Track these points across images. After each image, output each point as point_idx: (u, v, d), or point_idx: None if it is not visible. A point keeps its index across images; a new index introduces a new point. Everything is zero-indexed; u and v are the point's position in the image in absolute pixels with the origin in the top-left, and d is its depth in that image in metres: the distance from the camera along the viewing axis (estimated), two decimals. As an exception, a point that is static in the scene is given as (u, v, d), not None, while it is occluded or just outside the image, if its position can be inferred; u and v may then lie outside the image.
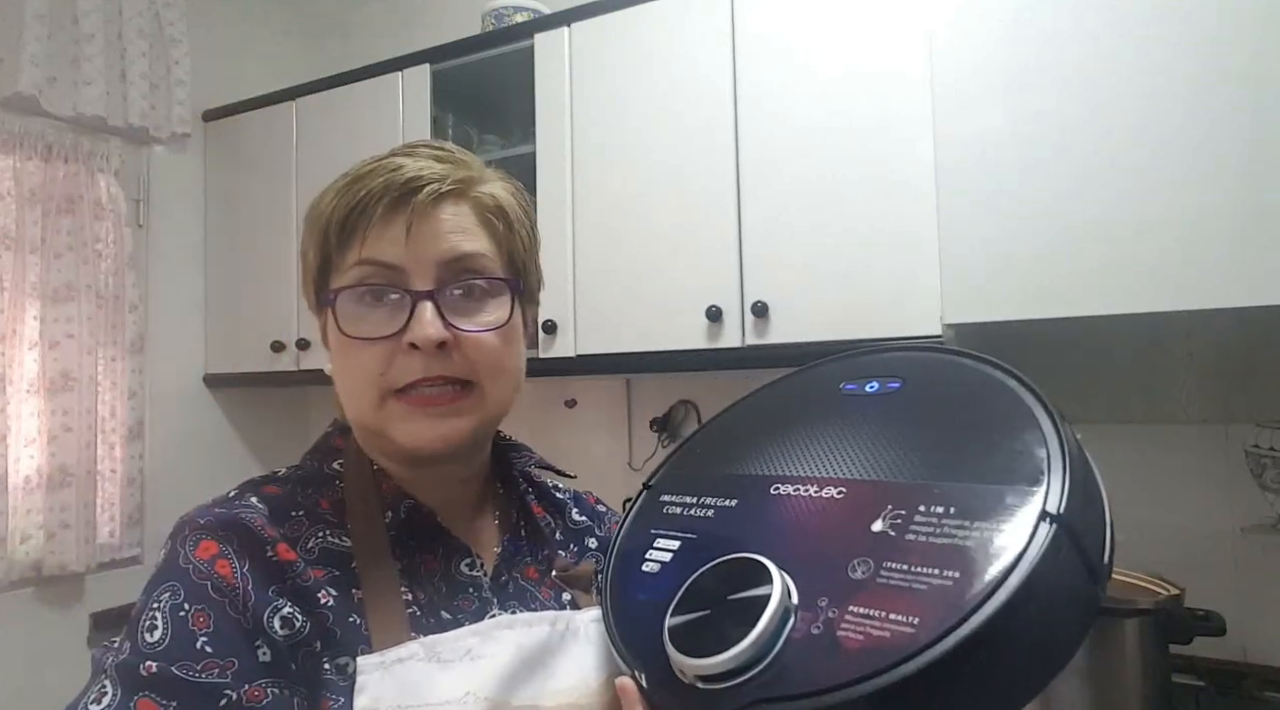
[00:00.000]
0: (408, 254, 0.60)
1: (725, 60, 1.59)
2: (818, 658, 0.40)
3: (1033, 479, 0.42)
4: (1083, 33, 1.15)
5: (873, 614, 0.40)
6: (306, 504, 0.62)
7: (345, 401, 0.64)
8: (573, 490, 0.80)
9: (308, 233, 0.65)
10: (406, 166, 0.61)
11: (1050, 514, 0.40)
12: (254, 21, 2.56)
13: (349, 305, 0.60)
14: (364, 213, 0.60)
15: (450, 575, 0.63)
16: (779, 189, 1.52)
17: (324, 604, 0.56)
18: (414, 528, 0.63)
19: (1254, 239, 1.04)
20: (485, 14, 2.01)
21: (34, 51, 1.90)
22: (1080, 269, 1.13)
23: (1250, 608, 1.42)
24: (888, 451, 0.49)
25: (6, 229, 1.93)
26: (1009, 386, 0.49)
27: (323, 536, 0.60)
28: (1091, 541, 0.41)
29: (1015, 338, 1.30)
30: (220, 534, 0.56)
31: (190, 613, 0.52)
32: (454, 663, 0.56)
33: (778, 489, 0.51)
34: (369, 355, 0.60)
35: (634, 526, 0.58)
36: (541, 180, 1.79)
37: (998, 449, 0.45)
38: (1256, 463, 1.46)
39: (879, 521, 0.44)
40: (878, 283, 1.42)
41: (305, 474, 0.65)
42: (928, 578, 0.40)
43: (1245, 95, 1.06)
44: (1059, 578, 0.39)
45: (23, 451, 1.95)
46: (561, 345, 1.75)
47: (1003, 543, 0.39)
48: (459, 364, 0.60)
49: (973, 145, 1.20)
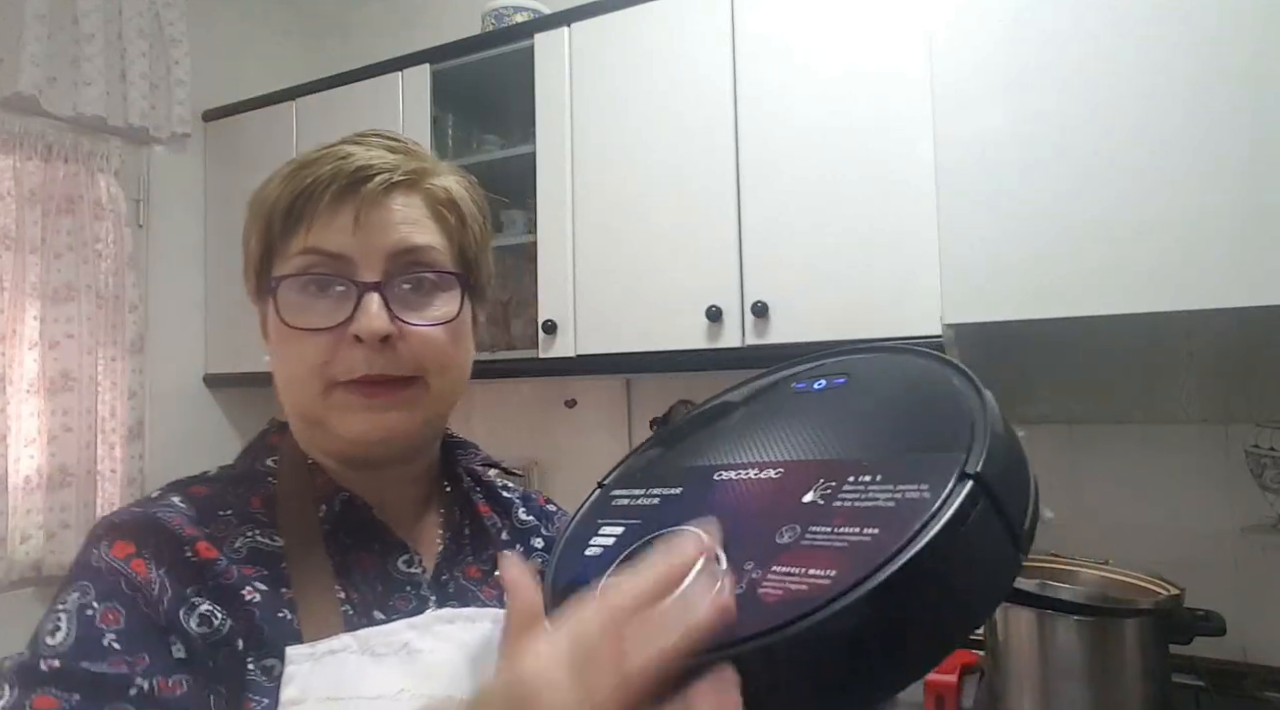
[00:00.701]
0: (355, 243, 0.58)
1: (725, 60, 1.59)
2: (739, 614, 0.41)
3: (956, 447, 0.44)
4: (1083, 33, 1.15)
5: (794, 571, 0.41)
6: (236, 503, 0.59)
7: (286, 394, 0.61)
8: (521, 489, 0.78)
9: (251, 220, 0.62)
10: (356, 154, 0.59)
11: (968, 474, 0.41)
12: (254, 21, 2.56)
13: (291, 294, 0.58)
14: (310, 200, 0.58)
15: (387, 573, 0.61)
16: (779, 189, 1.52)
17: (249, 601, 0.54)
18: (349, 523, 0.61)
19: (1254, 239, 1.04)
20: (485, 14, 2.01)
21: (34, 51, 1.90)
22: (1080, 269, 1.13)
23: (1250, 608, 1.42)
24: (827, 435, 0.51)
25: (6, 229, 1.93)
26: (946, 375, 0.51)
27: (251, 536, 0.58)
28: (1013, 507, 0.43)
29: (1015, 338, 1.30)
30: (136, 535, 0.54)
31: (99, 611, 0.50)
32: (388, 657, 0.54)
33: (721, 475, 0.52)
34: (312, 346, 0.57)
35: (582, 519, 0.58)
36: (541, 180, 1.79)
37: (925, 424, 0.48)
38: (1256, 463, 1.46)
39: (810, 493, 0.46)
40: (878, 283, 1.42)
41: (237, 473, 0.63)
42: (848, 536, 0.41)
43: (1245, 95, 1.06)
44: (975, 535, 0.41)
45: (23, 451, 1.95)
46: (561, 345, 1.74)
47: (922, 501, 0.41)
48: (404, 358, 0.58)
49: (973, 145, 1.20)
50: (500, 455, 2.40)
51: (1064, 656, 1.19)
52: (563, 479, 2.16)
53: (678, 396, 2.01)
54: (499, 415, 2.27)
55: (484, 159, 1.96)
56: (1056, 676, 1.20)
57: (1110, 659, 1.17)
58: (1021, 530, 0.43)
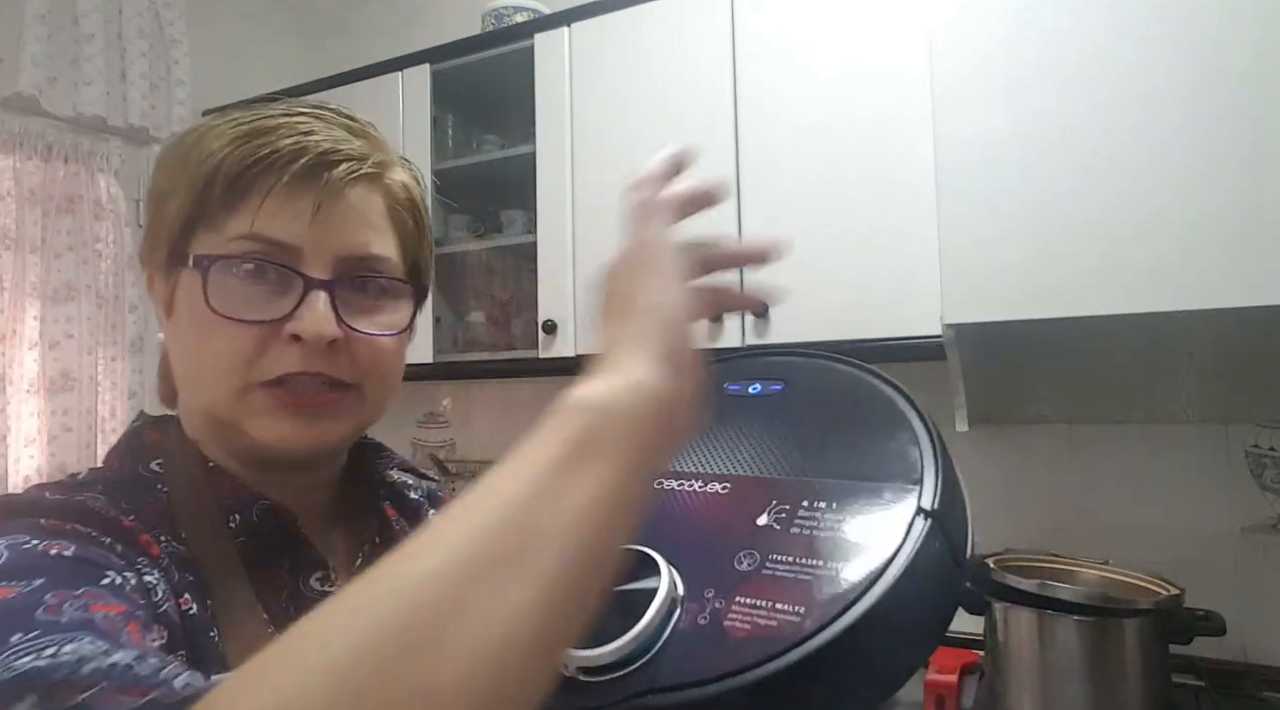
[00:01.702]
0: (309, 236, 0.52)
1: (725, 60, 1.59)
2: (705, 648, 0.41)
3: (909, 477, 0.45)
4: (1083, 33, 1.15)
5: (759, 604, 0.41)
6: (128, 511, 0.50)
7: (193, 386, 0.54)
8: (427, 489, 0.71)
9: (175, 174, 0.53)
10: (318, 131, 0.53)
11: (925, 510, 0.43)
12: (254, 21, 2.56)
13: (223, 276, 0.51)
14: (265, 174, 0.51)
15: (298, 592, 0.54)
16: (779, 189, 1.52)
17: (185, 611, 0.47)
18: (264, 535, 0.54)
19: (1254, 239, 1.04)
20: (485, 14, 2.01)
21: (34, 51, 1.90)
22: (1080, 269, 1.13)
23: (1250, 608, 1.42)
24: (770, 450, 0.51)
25: (6, 229, 1.93)
26: (882, 390, 0.52)
27: (167, 541, 0.50)
28: (958, 534, 0.45)
29: (1015, 338, 1.30)
30: (71, 515, 0.46)
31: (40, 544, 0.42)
32: None
33: (662, 483, 0.51)
34: (238, 338, 0.50)
35: None
36: (541, 180, 1.79)
37: (875, 448, 0.48)
38: (1256, 463, 1.46)
39: (764, 516, 0.46)
40: (878, 283, 1.42)
41: (116, 478, 0.53)
42: (812, 569, 0.42)
43: (1245, 95, 1.06)
44: (932, 567, 0.42)
45: (23, 451, 1.95)
46: (561, 345, 1.74)
47: (882, 535, 0.42)
48: (343, 364, 0.53)
49: (973, 145, 1.20)
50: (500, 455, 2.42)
51: (1064, 656, 1.19)
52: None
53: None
54: (499, 415, 2.27)
55: (484, 159, 1.96)
56: (1056, 676, 1.20)
57: (1110, 659, 1.17)
58: (964, 557, 0.45)
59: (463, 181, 2.02)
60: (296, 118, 0.54)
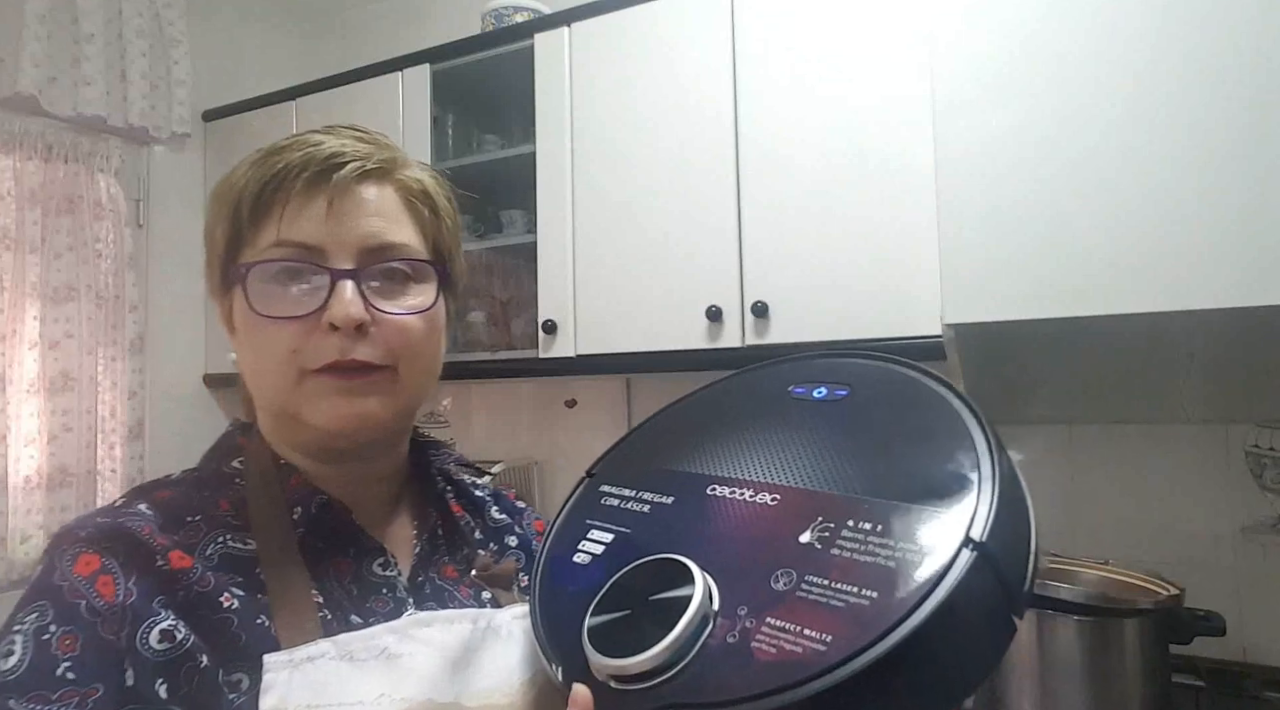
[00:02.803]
0: (328, 233, 0.57)
1: (725, 60, 1.58)
2: (730, 667, 0.40)
3: (960, 503, 0.42)
4: (1083, 33, 1.15)
5: (788, 627, 0.40)
6: (204, 507, 0.58)
7: (256, 386, 0.60)
8: (492, 487, 0.78)
9: (216, 209, 0.60)
10: (327, 142, 0.59)
11: (973, 541, 0.40)
12: (254, 21, 2.56)
13: (261, 282, 0.57)
14: (281, 187, 0.57)
15: (363, 577, 0.60)
16: (779, 188, 1.52)
17: (227, 607, 0.53)
18: (324, 526, 0.60)
19: (1254, 239, 1.04)
20: (485, 14, 2.01)
21: (34, 51, 1.90)
22: (1080, 269, 1.13)
23: (1250, 608, 1.42)
24: (825, 460, 0.49)
25: (6, 229, 1.93)
26: (952, 405, 0.49)
27: (223, 541, 0.56)
28: (1013, 569, 0.42)
29: (1015, 338, 1.30)
30: (103, 546, 0.52)
31: (56, 635, 0.48)
32: (368, 662, 0.53)
33: (714, 489, 0.51)
34: (284, 334, 0.56)
35: (571, 515, 0.57)
36: (541, 180, 1.79)
37: (932, 468, 0.46)
38: (1256, 463, 1.46)
39: (807, 532, 0.45)
40: (878, 283, 1.42)
41: (202, 476, 0.62)
42: (845, 595, 0.40)
43: (1246, 95, 1.06)
44: (975, 604, 0.40)
45: (23, 451, 1.95)
46: (561, 345, 1.74)
47: (923, 566, 0.40)
48: (378, 347, 0.57)
49: (973, 145, 1.20)
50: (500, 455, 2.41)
51: (1064, 656, 1.19)
52: (563, 479, 2.16)
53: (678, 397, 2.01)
54: (499, 415, 2.27)
55: (484, 159, 1.96)
56: (1056, 676, 1.19)
57: (1110, 659, 1.17)
58: (1020, 593, 0.42)
59: (463, 181, 2.00)
60: (305, 135, 0.60)
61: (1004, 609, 0.41)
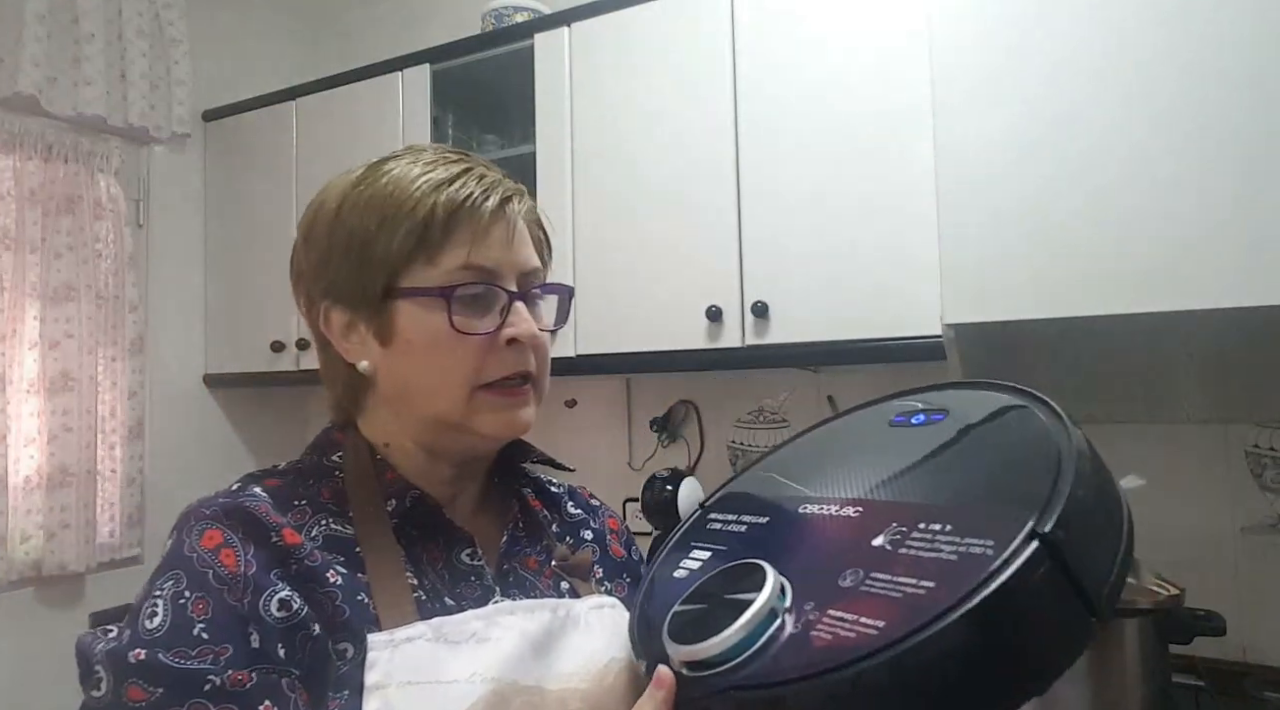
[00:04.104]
0: (503, 259, 0.64)
1: (725, 59, 1.58)
2: (789, 654, 0.42)
3: (1032, 502, 0.42)
4: (1083, 33, 1.15)
5: (847, 617, 0.41)
6: (308, 494, 0.63)
7: (423, 399, 0.64)
8: (567, 485, 0.83)
9: (376, 217, 0.63)
10: (487, 173, 0.66)
11: (1039, 533, 0.39)
12: (254, 21, 2.56)
13: (457, 303, 0.63)
14: (471, 216, 0.63)
15: (452, 564, 0.65)
16: (779, 188, 1.52)
17: (333, 583, 0.58)
18: (417, 518, 0.65)
19: (1254, 239, 1.04)
20: (485, 14, 2.01)
21: (34, 51, 1.90)
22: (1080, 269, 1.13)
23: (1250, 608, 1.42)
24: (911, 474, 0.51)
25: (6, 229, 1.93)
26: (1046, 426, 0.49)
27: (326, 523, 0.62)
28: (1090, 571, 0.41)
29: (1015, 338, 1.30)
30: (225, 522, 0.57)
31: (190, 600, 0.54)
32: (460, 644, 0.57)
33: (805, 508, 0.54)
34: (471, 350, 0.62)
35: (680, 539, 0.62)
36: (541, 180, 1.79)
37: (1011, 474, 0.46)
38: (1256, 463, 1.46)
39: (881, 537, 0.46)
40: (878, 283, 1.42)
41: (305, 467, 0.67)
42: (905, 586, 0.41)
43: (1246, 96, 1.06)
44: (1040, 599, 0.39)
45: (23, 451, 1.95)
46: (561, 345, 1.74)
47: (984, 557, 0.40)
48: (534, 359, 0.65)
49: (972, 145, 1.20)
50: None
51: (1064, 656, 1.19)
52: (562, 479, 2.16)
53: (678, 396, 2.01)
54: (499, 415, 2.27)
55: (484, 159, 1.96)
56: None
57: (1110, 659, 1.17)
58: (1099, 595, 0.40)
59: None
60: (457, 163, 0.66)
61: (1076, 607, 0.40)
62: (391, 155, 0.68)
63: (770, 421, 1.91)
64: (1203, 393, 1.47)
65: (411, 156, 0.67)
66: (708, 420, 1.98)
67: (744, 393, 1.93)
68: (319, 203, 0.68)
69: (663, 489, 1.71)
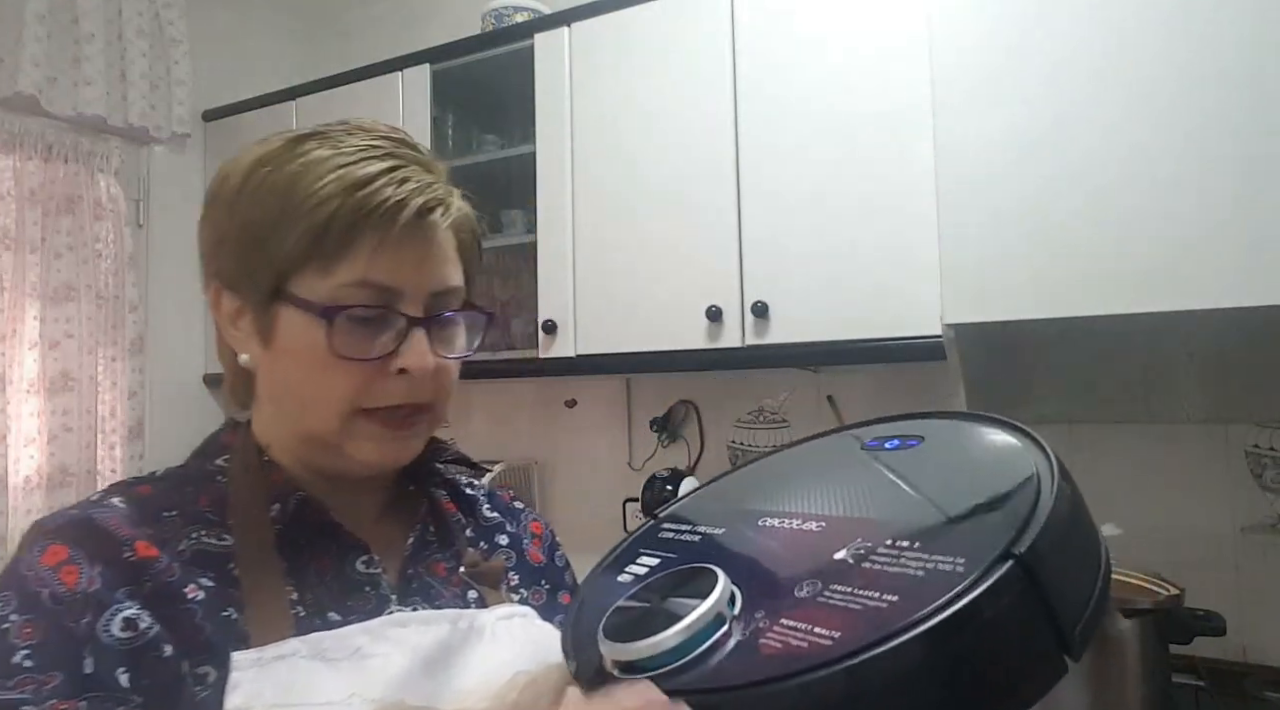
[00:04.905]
0: (409, 278, 0.58)
1: (725, 59, 1.58)
2: (733, 661, 0.40)
3: (1007, 524, 0.40)
4: (1083, 33, 1.15)
5: (800, 627, 0.39)
6: (182, 503, 0.58)
7: (296, 411, 0.60)
8: (487, 487, 0.78)
9: (278, 206, 0.57)
10: (410, 177, 0.58)
11: (1013, 553, 0.38)
12: (254, 22, 2.56)
13: (343, 323, 0.56)
14: (376, 225, 0.56)
15: (345, 573, 0.60)
16: (779, 188, 1.52)
17: (192, 599, 0.53)
18: (304, 523, 0.60)
19: (1253, 239, 1.04)
20: (485, 14, 2.01)
21: (34, 51, 1.90)
22: (1080, 269, 1.13)
23: (1250, 608, 1.42)
24: (882, 495, 0.49)
25: (6, 229, 1.93)
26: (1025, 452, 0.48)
27: (197, 536, 0.56)
28: (1065, 600, 0.39)
29: (1015, 338, 1.30)
30: (70, 537, 0.52)
31: (16, 624, 0.49)
32: (340, 662, 0.53)
33: (765, 522, 0.52)
34: (353, 375, 0.57)
35: (627, 546, 0.58)
36: (541, 180, 1.79)
37: (989, 499, 0.44)
38: (1256, 463, 1.45)
39: (843, 551, 0.44)
40: (878, 282, 1.42)
41: (186, 472, 0.62)
42: (865, 599, 0.39)
43: (1246, 95, 1.06)
44: (1010, 623, 0.37)
45: (23, 451, 1.95)
46: (561, 345, 1.74)
47: (954, 574, 0.38)
48: (430, 389, 0.60)
49: (972, 145, 1.20)
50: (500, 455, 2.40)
51: (1064, 656, 1.19)
52: (563, 479, 2.16)
53: (678, 396, 2.01)
54: (499, 415, 2.27)
55: (484, 159, 1.96)
56: (1056, 676, 1.19)
57: (1110, 659, 1.17)
58: (1072, 629, 0.38)
59: (463, 181, 2.01)
60: (386, 161, 0.57)
61: (1047, 637, 0.38)
62: (318, 131, 0.60)
63: (770, 421, 1.91)
64: (1203, 393, 1.47)
65: (335, 141, 0.58)
66: (708, 420, 1.98)
67: (744, 393, 1.93)
68: (224, 175, 0.61)
69: (663, 489, 1.71)
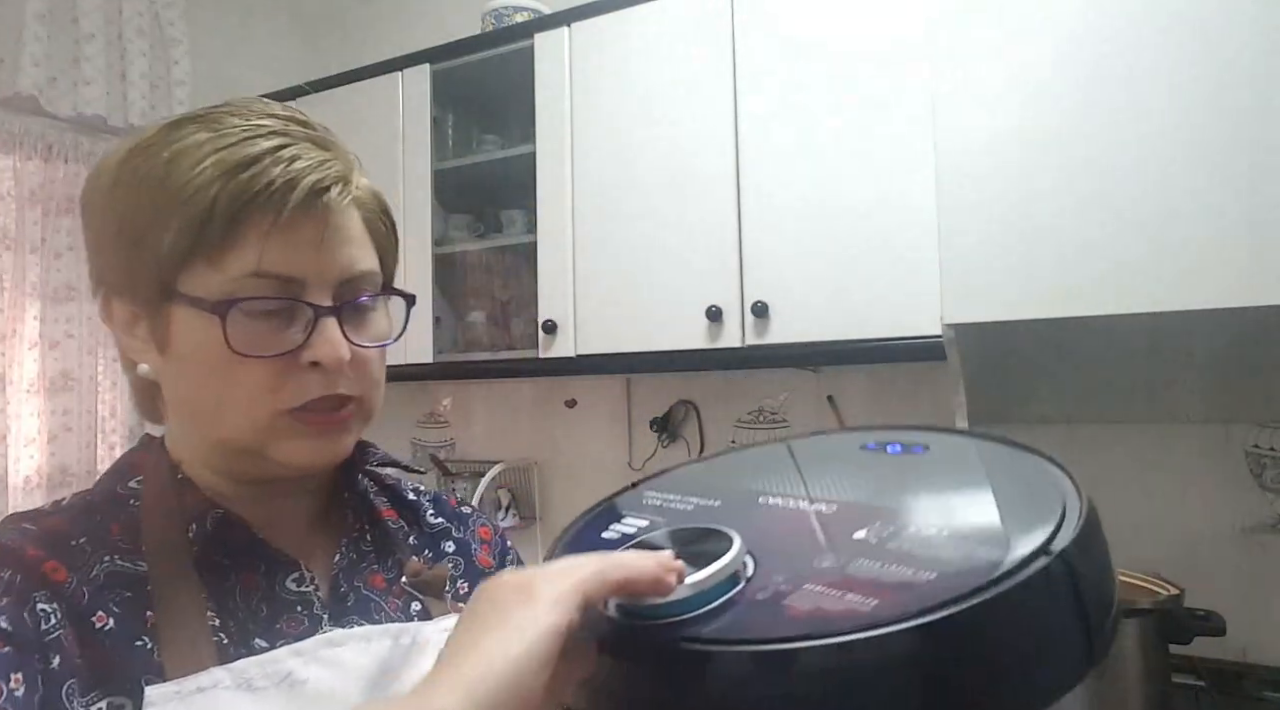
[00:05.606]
0: (309, 265, 0.52)
1: (725, 59, 1.58)
2: (756, 617, 0.38)
3: (1043, 524, 0.39)
4: (1084, 32, 1.15)
5: (830, 592, 0.38)
6: (91, 531, 0.53)
7: (208, 419, 0.54)
8: (432, 491, 0.73)
9: (152, 199, 0.52)
10: (300, 155, 0.52)
11: (1053, 552, 0.37)
12: (254, 22, 2.56)
13: (241, 318, 0.51)
14: (263, 209, 0.50)
15: (274, 594, 0.55)
16: (779, 188, 1.52)
17: (99, 628, 0.48)
18: (224, 543, 0.55)
19: (1254, 239, 1.04)
20: (485, 14, 2.01)
21: (34, 51, 1.90)
22: (1080, 269, 1.13)
23: (1250, 608, 1.42)
24: (894, 488, 0.47)
25: (6, 229, 1.93)
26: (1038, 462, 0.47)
27: (110, 561, 0.52)
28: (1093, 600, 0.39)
29: (1015, 338, 1.30)
30: None
31: None
32: (267, 690, 0.49)
33: (766, 500, 0.48)
34: (261, 372, 0.52)
35: (605, 506, 0.53)
36: (541, 180, 1.79)
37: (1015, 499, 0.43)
38: (1256, 463, 1.45)
39: (863, 531, 0.42)
40: (878, 282, 1.42)
41: (93, 499, 0.56)
42: (900, 572, 0.38)
43: (1246, 95, 1.06)
44: (1046, 616, 0.37)
45: (23, 451, 1.95)
46: (561, 345, 1.74)
47: (992, 561, 0.37)
48: (351, 381, 0.54)
49: (973, 145, 1.20)
50: (500, 455, 2.39)
51: (1064, 656, 1.19)
52: (562, 479, 2.16)
53: (678, 396, 2.01)
54: (499, 415, 2.27)
55: (484, 159, 1.96)
56: (1056, 676, 1.19)
57: (1110, 659, 1.17)
58: (1098, 631, 0.38)
59: (463, 181, 2.02)
60: (272, 140, 0.52)
61: (1078, 635, 0.38)
62: (197, 114, 0.55)
63: (770, 421, 1.91)
64: (1203, 393, 1.47)
65: (214, 123, 0.53)
66: (708, 420, 1.98)
67: (744, 393, 1.93)
68: (97, 171, 0.55)
69: (663, 489, 1.71)
